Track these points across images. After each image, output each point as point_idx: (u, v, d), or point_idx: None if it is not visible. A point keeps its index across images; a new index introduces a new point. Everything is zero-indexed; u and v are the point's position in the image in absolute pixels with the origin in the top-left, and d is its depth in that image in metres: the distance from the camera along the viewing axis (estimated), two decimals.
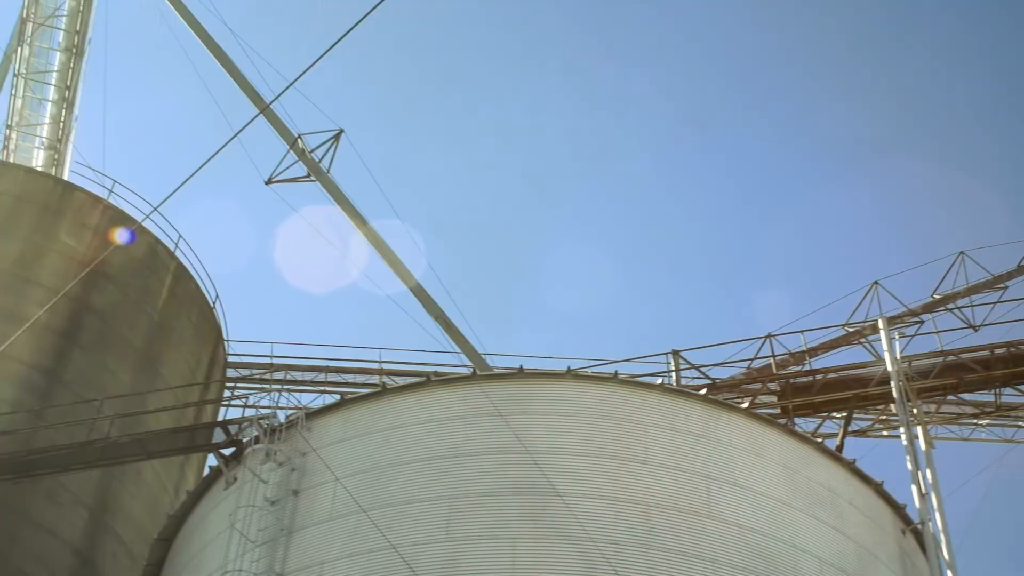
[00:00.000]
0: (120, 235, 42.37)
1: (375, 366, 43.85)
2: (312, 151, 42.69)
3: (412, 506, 28.63)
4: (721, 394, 36.71)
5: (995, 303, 46.11)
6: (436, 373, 38.00)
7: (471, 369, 37.94)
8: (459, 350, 40.33)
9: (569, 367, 31.74)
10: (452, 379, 32.66)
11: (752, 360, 40.84)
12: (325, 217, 42.08)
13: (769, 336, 41.27)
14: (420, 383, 32.51)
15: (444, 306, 40.84)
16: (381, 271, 41.16)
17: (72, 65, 49.71)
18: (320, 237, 40.87)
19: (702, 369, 39.62)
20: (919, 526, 32.88)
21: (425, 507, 28.52)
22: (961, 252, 49.75)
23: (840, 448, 36.88)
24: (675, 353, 39.58)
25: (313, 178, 42.20)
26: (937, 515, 33.19)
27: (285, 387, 41.76)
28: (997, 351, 38.56)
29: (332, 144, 42.42)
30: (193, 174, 24.65)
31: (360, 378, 44.75)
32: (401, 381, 39.40)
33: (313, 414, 32.31)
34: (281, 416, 32.84)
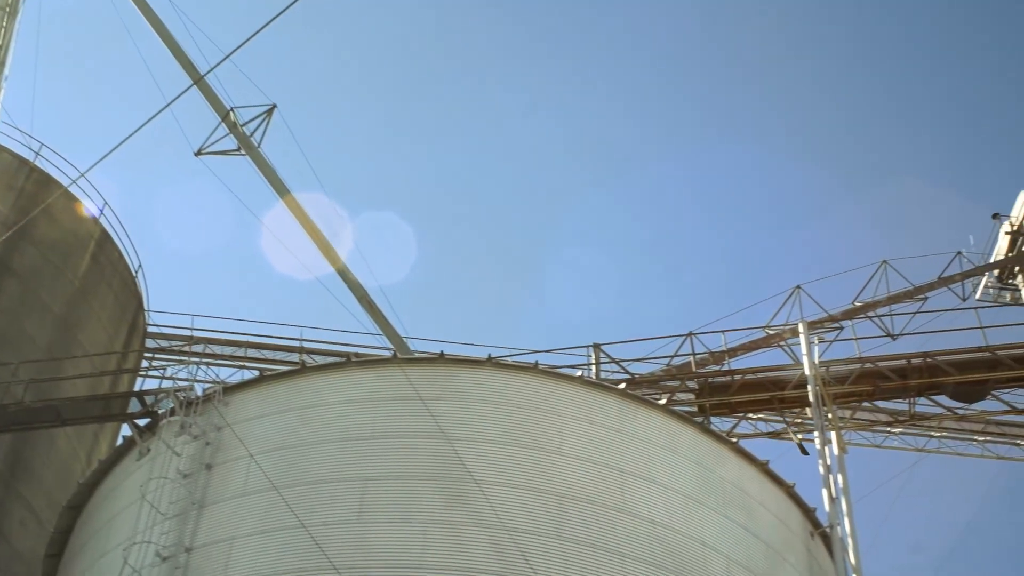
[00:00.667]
0: (45, 198, 41.91)
1: (296, 344, 43.67)
2: (244, 124, 42.39)
3: (326, 486, 28.55)
4: (639, 389, 36.90)
5: (914, 313, 46.66)
6: (357, 354, 37.96)
7: (392, 352, 37.91)
8: (381, 332, 40.24)
9: (490, 355, 31.78)
10: (372, 361, 32.66)
11: (672, 357, 41.07)
12: (259, 193, 41.87)
13: (690, 334, 41.52)
14: (340, 363, 32.42)
15: (369, 287, 40.73)
16: (309, 251, 40.97)
17: (4, 24, 49.08)
18: (250, 214, 40.66)
19: (622, 364, 39.79)
20: (828, 529, 33.19)
21: (339, 487, 28.45)
22: (884, 261, 50.26)
23: (794, 439, 37.20)
24: (596, 346, 39.76)
25: (243, 152, 41.90)
26: (846, 519, 33.54)
27: (204, 360, 41.55)
28: (914, 361, 39.00)
29: (264, 119, 42.15)
30: (122, 142, 24.50)
31: (280, 355, 44.57)
32: (321, 360, 39.31)
33: (231, 389, 32.16)
34: (198, 389, 32.66)
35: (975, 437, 50.13)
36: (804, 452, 37.54)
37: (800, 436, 43.38)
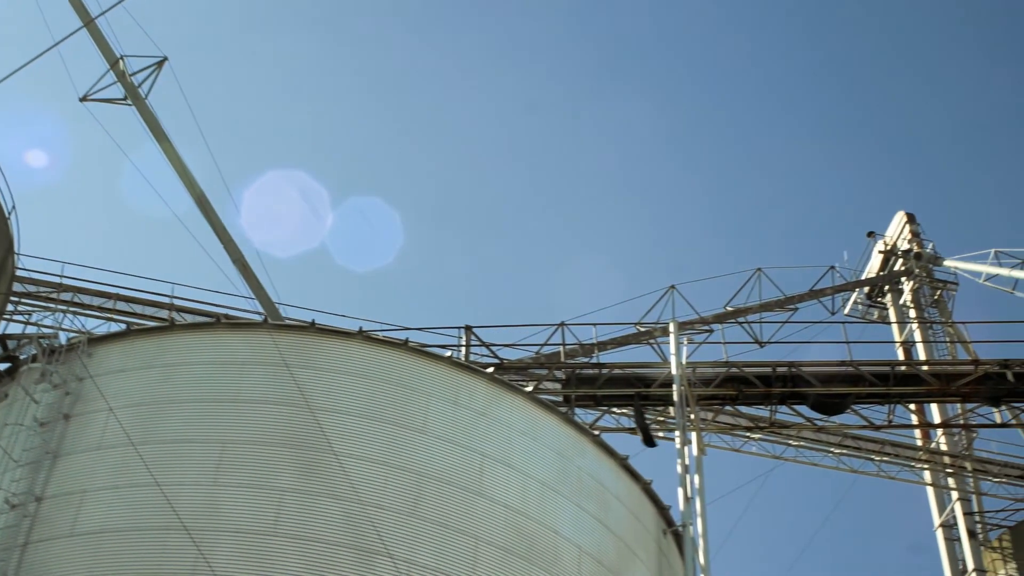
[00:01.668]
0: None
1: (166, 301, 43.12)
2: (133, 75, 41.79)
3: (183, 446, 28.30)
4: (507, 375, 37.02)
5: (783, 323, 47.36)
6: (227, 316, 37.63)
7: (263, 317, 37.64)
8: (254, 296, 39.93)
9: (361, 328, 31.69)
10: (241, 324, 32.43)
11: (542, 346, 41.25)
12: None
13: (562, 324, 41.74)
14: (209, 323, 32.16)
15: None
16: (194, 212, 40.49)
17: None
18: (136, 168, 40.08)
19: (492, 348, 39.89)
20: (680, 528, 33.55)
21: (196, 448, 28.22)
22: (758, 269, 50.98)
23: (649, 438, 37.43)
24: (468, 328, 39.79)
25: (129, 101, 41.32)
26: (699, 520, 33.89)
27: (71, 309, 40.87)
28: (779, 369, 39.53)
29: (155, 71, 41.58)
30: (3, 80, 23.99)
31: (149, 311, 43.99)
32: (190, 319, 38.91)
33: (95, 340, 31.75)
34: (63, 338, 32.22)
35: (831, 449, 51.03)
36: (652, 444, 37.80)
37: (662, 434, 43.88)
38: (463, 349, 39.47)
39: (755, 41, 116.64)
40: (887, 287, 60.48)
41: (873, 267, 61.46)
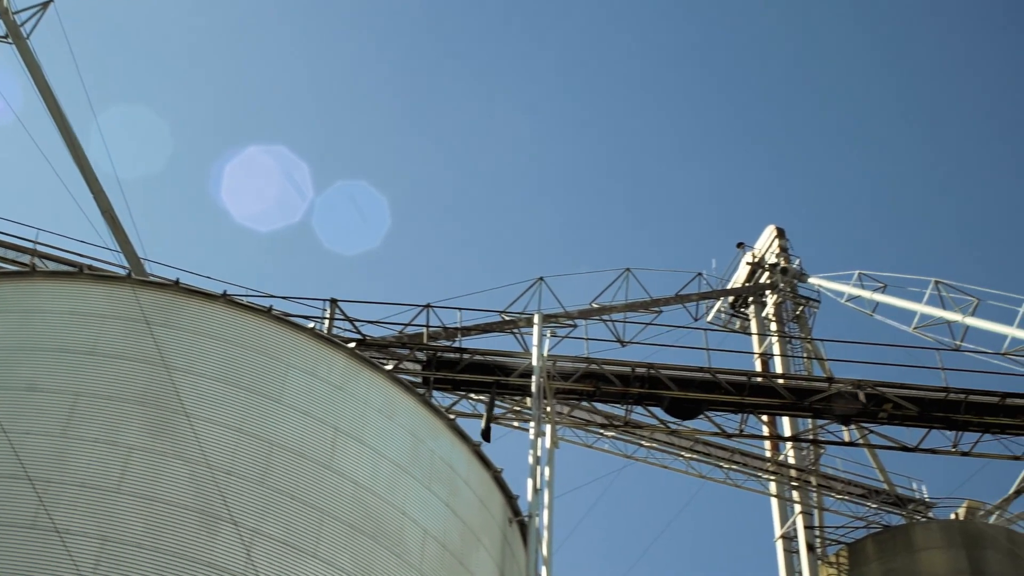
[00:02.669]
0: None
1: (29, 245, 42.41)
2: (16, 13, 41.04)
3: (34, 395, 27.83)
4: (368, 352, 36.96)
5: (647, 324, 47.87)
6: (91, 267, 37.11)
7: (127, 271, 37.21)
8: (120, 249, 39.47)
9: (225, 291, 31.43)
10: (104, 276, 31.95)
11: (406, 326, 41.24)
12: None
13: (428, 306, 41.76)
14: (71, 273, 31.70)
15: (116, 206, 39.91)
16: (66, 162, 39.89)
17: None
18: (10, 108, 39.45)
19: (356, 323, 39.79)
20: (526, 518, 33.74)
21: (47, 399, 27.76)
22: (627, 269, 51.45)
23: (487, 432, 37.55)
24: (333, 301, 39.64)
25: (10, 40, 40.59)
26: (546, 511, 34.12)
27: None
28: (638, 370, 39.91)
29: (40, 11, 40.92)
30: None
31: (11, 254, 43.23)
32: (53, 267, 38.33)
33: None
34: None
35: (682, 453, 51.66)
36: (487, 438, 37.92)
37: (516, 424, 44.10)
38: (327, 322, 39.29)
39: (641, 40, 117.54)
40: (751, 298, 61.33)
41: (739, 277, 62.28)
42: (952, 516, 53.92)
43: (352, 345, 34.25)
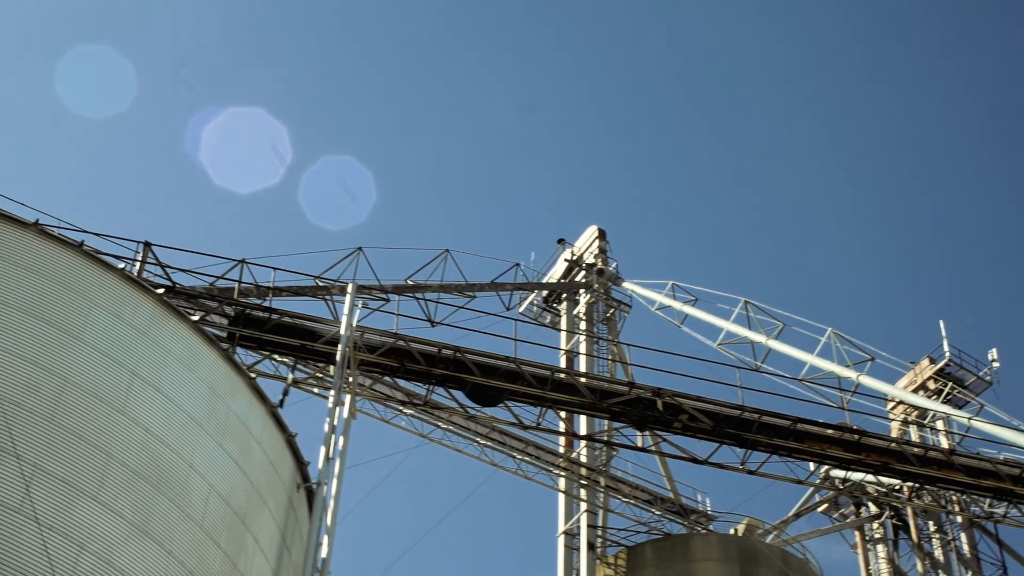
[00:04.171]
0: None
1: None
2: None
3: None
4: (177, 300, 36.42)
5: (459, 307, 48.02)
6: None
7: None
8: None
9: (38, 220, 30.70)
10: None
11: (218, 278, 40.75)
12: None
13: (243, 261, 41.30)
14: None
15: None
16: None
17: None
18: None
19: (168, 269, 39.16)
20: (314, 485, 33.61)
21: None
22: (446, 250, 51.65)
23: (285, 393, 37.24)
24: (147, 244, 38.94)
25: None
26: (335, 481, 34.01)
27: None
28: (444, 351, 39.94)
29: None
30: None
31: None
32: None
33: None
34: None
35: (478, 439, 52.01)
36: (281, 403, 37.60)
37: (316, 391, 43.91)
38: (138, 264, 38.56)
39: (496, 33, 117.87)
40: (565, 295, 61.91)
41: (556, 273, 62.85)
42: (732, 531, 55.16)
43: (161, 291, 33.70)
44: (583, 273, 62.29)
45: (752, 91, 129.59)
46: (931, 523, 58.33)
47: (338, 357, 36.52)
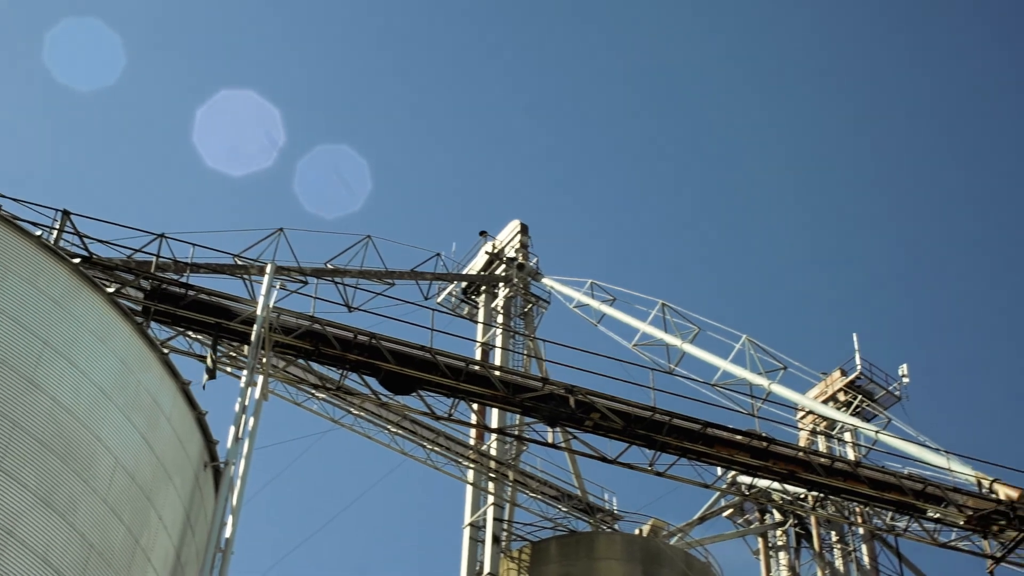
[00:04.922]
0: None
1: None
2: None
3: None
4: (93, 271, 36.07)
5: (377, 294, 47.93)
6: None
7: None
8: None
9: None
10: None
11: (136, 251, 40.41)
12: None
13: (163, 236, 40.99)
14: None
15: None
16: None
17: None
18: None
19: (85, 239, 38.76)
20: (222, 465, 33.42)
21: None
22: (368, 236, 51.56)
23: (212, 373, 36.98)
24: (65, 213, 38.51)
25: None
26: (243, 461, 33.87)
27: None
28: (360, 337, 39.82)
29: None
30: None
31: None
32: None
33: None
34: None
35: (388, 427, 51.96)
36: (213, 376, 37.37)
37: (229, 370, 43.66)
38: (55, 233, 38.13)
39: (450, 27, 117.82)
40: (483, 288, 61.95)
41: (476, 265, 62.86)
42: (636, 531, 55.47)
43: (77, 261, 33.36)
44: (503, 267, 62.36)
45: (679, 94, 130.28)
46: (833, 533, 58.97)
47: (253, 337, 36.35)
